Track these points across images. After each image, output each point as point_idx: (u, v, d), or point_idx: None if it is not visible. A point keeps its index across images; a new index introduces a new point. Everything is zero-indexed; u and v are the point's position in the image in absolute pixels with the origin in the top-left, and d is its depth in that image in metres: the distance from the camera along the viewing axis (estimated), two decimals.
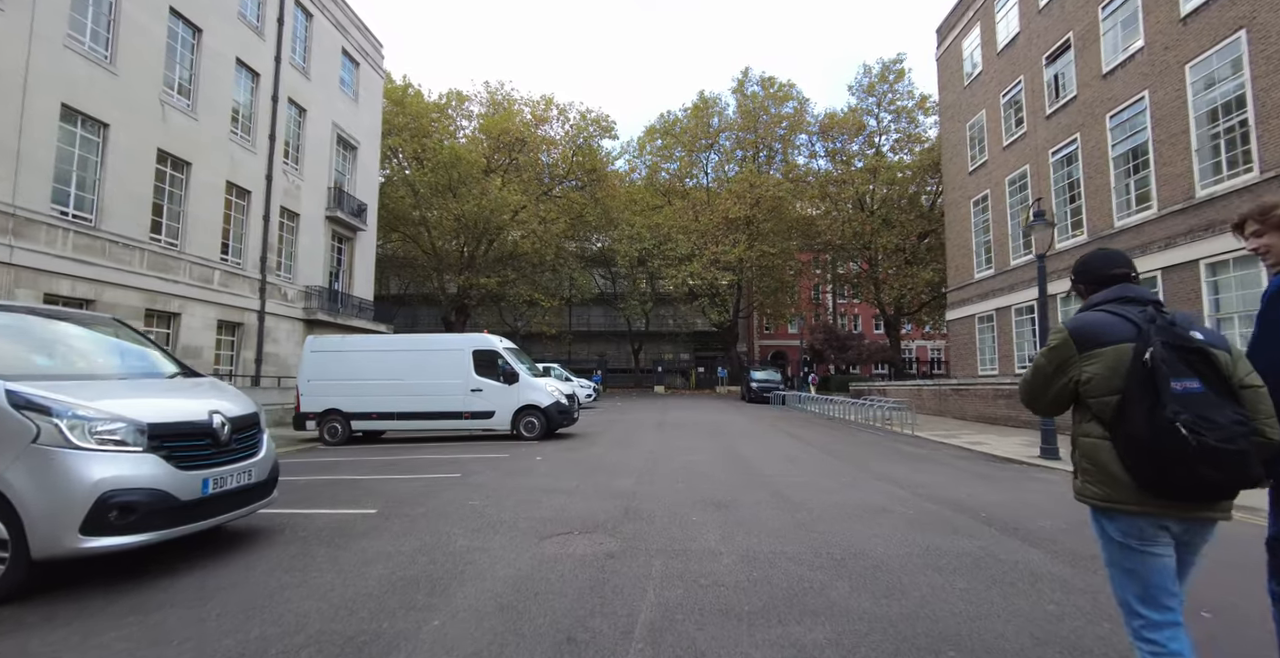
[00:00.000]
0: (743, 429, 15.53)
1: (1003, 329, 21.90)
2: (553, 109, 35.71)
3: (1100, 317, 2.07)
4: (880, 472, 8.64)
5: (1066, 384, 2.08)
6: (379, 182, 34.23)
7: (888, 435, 14.15)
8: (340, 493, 6.95)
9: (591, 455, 10.20)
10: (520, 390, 12.53)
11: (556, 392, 12.81)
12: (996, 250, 22.47)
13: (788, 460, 9.67)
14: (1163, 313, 2.01)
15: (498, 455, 10.22)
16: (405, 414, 12.54)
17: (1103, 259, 2.27)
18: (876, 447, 11.95)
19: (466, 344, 12.89)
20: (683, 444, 11.92)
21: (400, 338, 14.23)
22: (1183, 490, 1.87)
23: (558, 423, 12.80)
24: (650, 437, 13.41)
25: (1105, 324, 2.03)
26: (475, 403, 12.44)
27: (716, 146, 40.32)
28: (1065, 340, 2.08)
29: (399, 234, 37.72)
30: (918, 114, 37.68)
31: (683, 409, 24.84)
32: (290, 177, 21.31)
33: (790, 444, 12.14)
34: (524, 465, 9.03)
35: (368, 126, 26.83)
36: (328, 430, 12.60)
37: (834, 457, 10.27)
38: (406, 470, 8.75)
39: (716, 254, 33.45)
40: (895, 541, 4.84)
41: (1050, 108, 19.07)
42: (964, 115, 25.01)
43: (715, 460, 9.55)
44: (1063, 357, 2.07)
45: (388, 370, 12.54)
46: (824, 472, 8.54)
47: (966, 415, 18.57)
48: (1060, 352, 2.08)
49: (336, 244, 24.87)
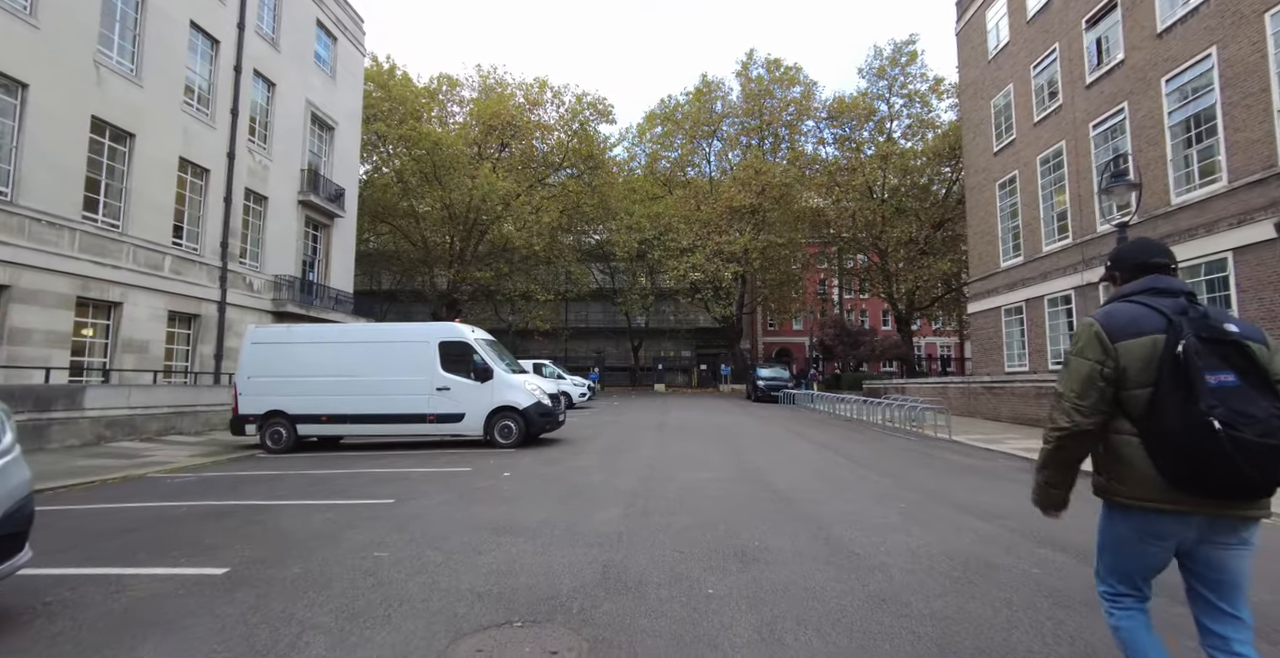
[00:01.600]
0: (754, 433, 13.74)
1: (1034, 322, 20.10)
2: (547, 92, 33.85)
3: (1129, 307, 2.02)
4: (940, 492, 6.87)
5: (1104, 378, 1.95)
6: (360, 167, 32.49)
7: (922, 441, 12.37)
8: (205, 534, 5.09)
9: (574, 470, 8.40)
10: (495, 389, 10.74)
11: (538, 391, 11.02)
12: (1027, 236, 20.66)
13: (819, 477, 7.89)
14: (1195, 305, 1.94)
15: (457, 469, 8.48)
16: (359, 417, 10.77)
17: (1142, 247, 2.20)
18: (916, 456, 10.16)
19: (431, 335, 11.08)
20: (686, 454, 10.13)
21: (355, 327, 12.41)
22: (1218, 488, 1.81)
23: (539, 427, 11.04)
24: (648, 444, 11.64)
25: (1135, 315, 1.98)
26: (441, 404, 10.66)
27: (719, 133, 38.44)
28: (1095, 333, 2.00)
29: (388, 227, 35.97)
30: (931, 98, 35.86)
31: (685, 409, 23.06)
32: (257, 156, 19.53)
33: (814, 453, 10.35)
34: (484, 485, 7.25)
35: (347, 107, 25.04)
36: (270, 436, 10.82)
37: (873, 470, 8.48)
38: (332, 492, 7.00)
39: (720, 245, 31.61)
40: (1057, 635, 3.02)
41: (1091, 76, 17.25)
42: (988, 92, 23.19)
43: (728, 478, 7.75)
44: (1094, 350, 1.98)
45: (340, 365, 10.76)
46: (870, 494, 6.76)
47: (1000, 416, 16.78)
48: (1091, 346, 1.99)
49: (311, 231, 23.09)
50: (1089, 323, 2.04)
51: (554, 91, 33.66)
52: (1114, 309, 2.05)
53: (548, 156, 35.07)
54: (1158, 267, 2.09)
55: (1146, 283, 2.05)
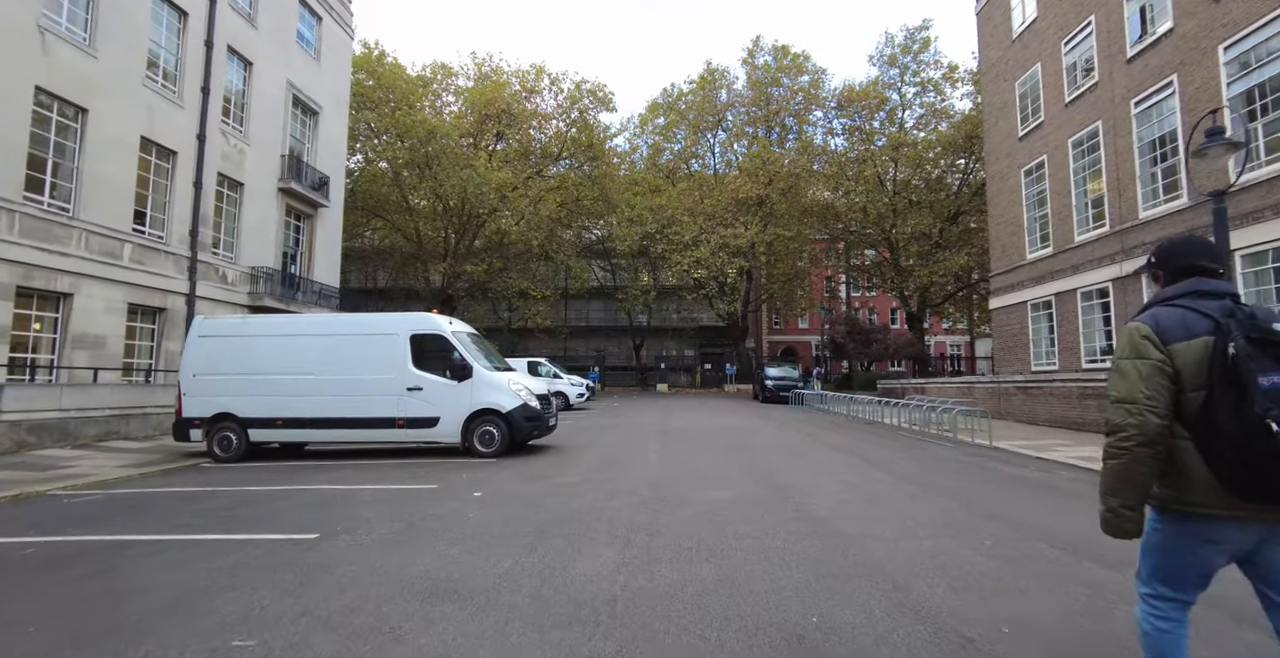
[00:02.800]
0: (769, 439, 12.36)
1: (1064, 317, 18.73)
2: (544, 78, 32.43)
3: (1174, 311, 1.96)
4: (1020, 519, 5.54)
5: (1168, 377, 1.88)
6: (352, 159, 31.20)
7: (960, 447, 11.00)
8: (11, 598, 3.69)
9: (561, 489, 6.97)
10: (474, 390, 9.39)
11: (524, 391, 9.66)
12: (1057, 225, 19.27)
13: (864, 498, 6.50)
14: (1241, 306, 1.90)
15: (420, 487, 7.14)
16: (319, 421, 9.43)
17: (1190, 248, 2.09)
18: (963, 467, 8.80)
19: (402, 327, 9.71)
20: (696, 466, 8.71)
21: (316, 319, 11.03)
22: (1276, 492, 1.74)
23: (526, 433, 9.68)
24: (650, 452, 10.24)
25: (1183, 318, 1.93)
26: (413, 406, 9.32)
27: (724, 123, 37.01)
28: (1145, 336, 1.94)
29: (382, 222, 34.63)
30: (945, 86, 34.41)
31: (690, 410, 21.71)
32: (231, 139, 18.21)
33: (845, 464, 8.98)
34: (444, 512, 5.86)
35: (333, 91, 23.71)
36: (218, 442, 9.48)
37: (923, 487, 7.10)
38: (248, 522, 5.63)
39: (726, 238, 30.20)
40: None
41: (1133, 49, 15.86)
42: (1012, 73, 21.80)
43: (752, 500, 6.32)
44: (1151, 351, 1.91)
45: (298, 362, 9.44)
46: (937, 523, 5.38)
47: (1038, 419, 15.40)
48: (1146, 348, 1.92)
49: (293, 221, 21.77)
50: (1136, 327, 1.99)
51: (551, 78, 32.28)
52: (1160, 313, 1.99)
53: (546, 147, 33.68)
54: (1204, 270, 2.03)
55: (1189, 286, 2.00)
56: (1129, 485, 1.89)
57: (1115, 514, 1.92)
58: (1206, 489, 1.82)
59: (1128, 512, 1.90)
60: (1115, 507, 1.92)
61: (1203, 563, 1.90)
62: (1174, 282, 2.05)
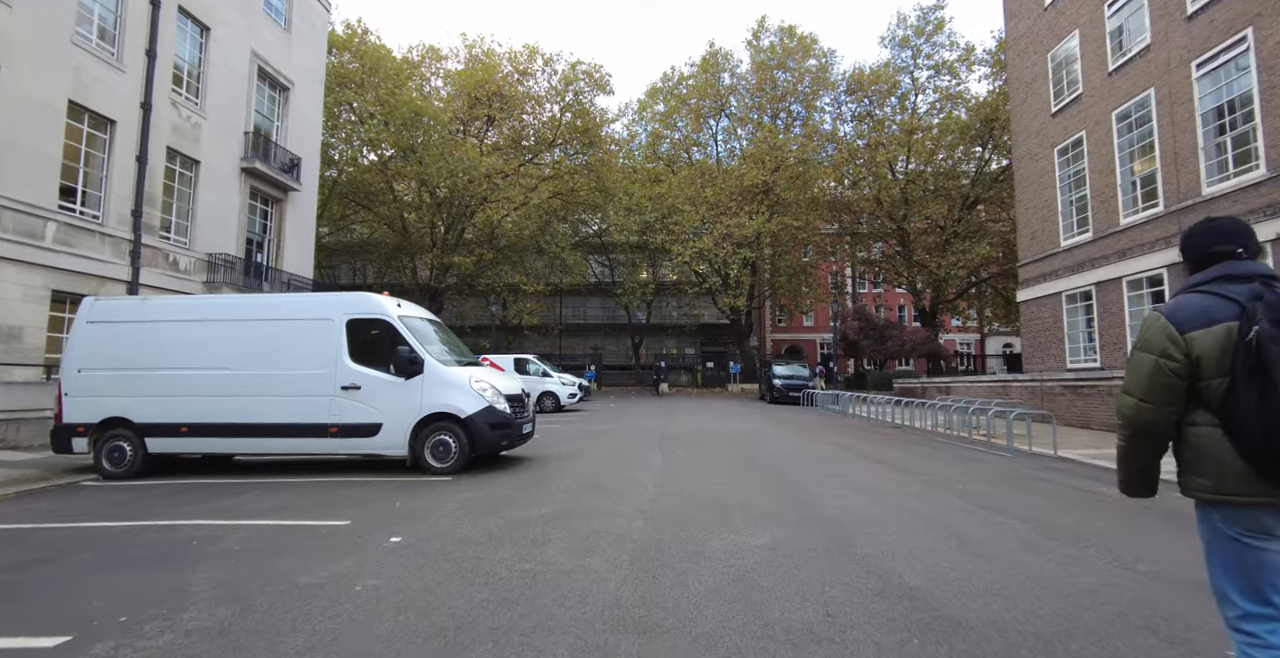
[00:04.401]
0: (794, 449, 10.44)
1: (1108, 309, 16.91)
2: (537, 60, 30.54)
3: (1198, 298, 1.93)
4: (1180, 575, 3.73)
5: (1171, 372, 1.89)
6: (338, 147, 29.43)
7: (1024, 460, 9.16)
8: None
9: (516, 534, 4.89)
10: (426, 389, 7.52)
11: (489, 391, 7.80)
12: (1097, 208, 17.46)
13: (959, 547, 4.60)
14: (1273, 287, 1.85)
15: (323, 524, 5.28)
16: (232, 428, 7.59)
17: (1210, 234, 2.05)
18: (1055, 489, 6.93)
19: (337, 310, 7.82)
20: (709, 490, 6.67)
21: (233, 300, 9.13)
22: None
23: (491, 443, 7.78)
24: (649, 468, 8.30)
25: (1205, 305, 1.89)
26: (348, 410, 7.48)
27: (727, 109, 35.11)
28: (1161, 325, 1.93)
29: (370, 214, 32.78)
30: (961, 69, 32.56)
31: (693, 413, 19.89)
32: (184, 111, 16.40)
33: (899, 485, 7.09)
34: (321, 579, 3.91)
35: (306, 67, 21.89)
36: (108, 455, 7.64)
37: (1032, 526, 5.18)
38: (7, 599, 3.76)
39: (730, 227, 28.33)
40: None
41: (1194, 4, 14.05)
42: (1043, 44, 19.99)
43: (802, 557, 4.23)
44: (1159, 344, 1.92)
45: (208, 353, 7.62)
46: (1113, 603, 3.59)
47: (1093, 422, 13.58)
48: (1155, 339, 1.93)
49: (259, 205, 19.95)
50: (1155, 315, 1.98)
51: (545, 59, 30.35)
52: (1181, 300, 1.97)
53: (539, 133, 31.81)
54: (1227, 255, 1.96)
55: (1218, 270, 1.95)
56: (1131, 465, 2.04)
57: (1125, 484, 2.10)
58: (1238, 476, 1.80)
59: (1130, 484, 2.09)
60: (1123, 479, 2.09)
61: (1264, 558, 1.82)
62: (1198, 269, 2.01)
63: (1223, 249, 1.96)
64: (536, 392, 19.11)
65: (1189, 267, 2.08)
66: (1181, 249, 2.11)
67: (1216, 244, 1.98)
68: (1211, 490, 1.85)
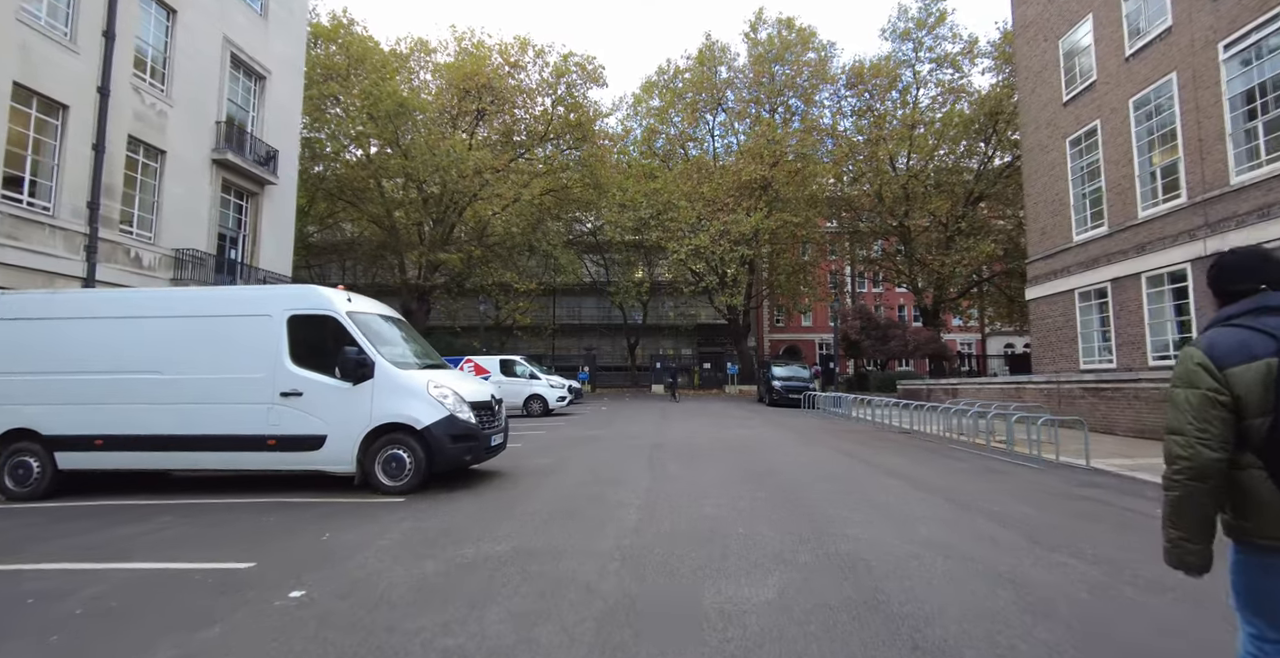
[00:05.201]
0: (801, 460, 9.44)
1: (1125, 307, 16.06)
2: (528, 51, 29.60)
3: (1232, 332, 1.83)
4: None
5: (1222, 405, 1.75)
6: (303, 129, 28.33)
7: (1055, 471, 8.24)
8: None
9: (453, 587, 3.81)
10: (377, 396, 6.54)
11: (450, 397, 6.78)
12: (1113, 200, 16.61)
13: (1042, 612, 3.56)
14: None
15: (219, 567, 4.25)
16: (155, 440, 6.61)
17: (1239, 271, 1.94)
18: (1100, 511, 5.98)
19: (277, 305, 6.84)
20: (704, 517, 5.55)
21: (158, 294, 8.08)
22: None
23: (453, 458, 6.75)
24: (637, 487, 7.23)
25: (1242, 339, 1.79)
26: (288, 420, 6.51)
27: (724, 103, 34.21)
28: (1199, 362, 1.81)
29: (358, 212, 31.77)
30: (964, 62, 31.76)
31: (689, 416, 18.97)
32: (148, 97, 15.44)
33: (928, 507, 6.13)
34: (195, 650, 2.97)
35: (284, 56, 20.94)
36: (11, 472, 6.64)
37: (1122, 577, 4.12)
38: None
39: (728, 224, 27.42)
40: None
41: None
42: (1054, 30, 19.16)
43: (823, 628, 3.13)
44: (1203, 379, 1.79)
45: (128, 355, 6.67)
46: None
47: (1117, 427, 12.69)
48: (1197, 375, 1.80)
49: (233, 199, 18.98)
50: (1190, 352, 1.87)
51: (536, 50, 29.42)
52: (1216, 335, 1.86)
53: (531, 128, 30.87)
54: (1246, 293, 1.89)
55: (1252, 303, 1.86)
56: (1187, 518, 1.80)
57: (1176, 546, 1.83)
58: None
59: (1188, 544, 1.80)
60: (1175, 539, 1.83)
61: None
62: (1227, 303, 1.93)
63: (1250, 287, 1.88)
64: (524, 394, 18.19)
65: (1218, 300, 1.99)
66: (1211, 283, 2.03)
67: (1244, 282, 1.90)
68: (1258, 534, 1.76)
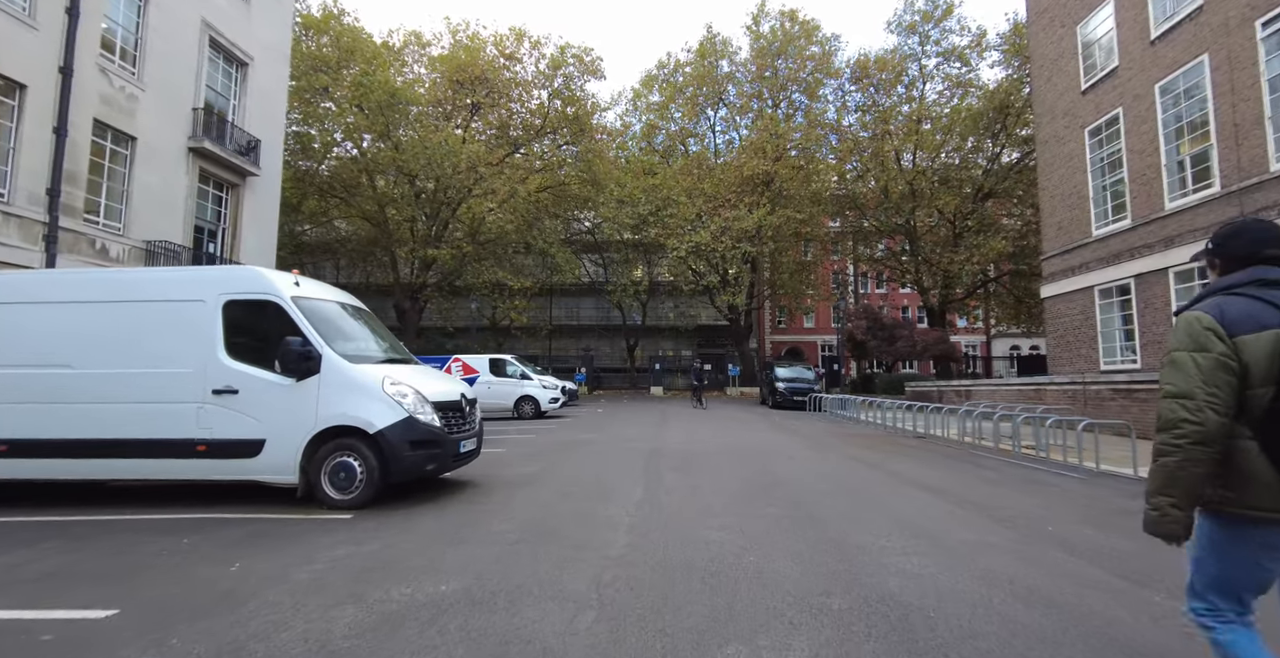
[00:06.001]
0: (816, 471, 8.48)
1: (1150, 304, 15.18)
2: (524, 43, 28.76)
3: (1238, 301, 1.81)
4: None
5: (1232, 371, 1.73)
6: (287, 122, 27.47)
7: (1107, 484, 7.40)
8: None
9: (362, 653, 2.75)
10: (324, 394, 5.62)
11: (410, 397, 5.81)
12: (1137, 192, 15.74)
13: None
14: None
15: (77, 617, 3.20)
16: (66, 446, 5.69)
17: (1256, 234, 1.92)
18: None
19: (211, 288, 5.89)
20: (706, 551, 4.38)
21: (74, 276, 6.91)
22: None
23: (411, 467, 5.78)
24: (625, 499, 6.28)
25: (1249, 309, 1.78)
26: (221, 421, 5.60)
27: (725, 97, 33.32)
28: (1208, 326, 1.78)
29: (349, 207, 30.88)
30: (972, 56, 30.92)
31: (690, 419, 18.06)
32: (116, 80, 14.58)
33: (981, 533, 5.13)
34: None
35: (268, 42, 20.11)
36: None
37: None
38: None
39: (730, 220, 26.53)
40: None
41: None
42: (1072, 15, 18.33)
43: None
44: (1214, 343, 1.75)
45: (40, 346, 5.78)
46: None
47: (1150, 430, 11.80)
48: (1208, 339, 1.76)
49: (212, 190, 18.12)
50: (1197, 316, 1.83)
51: (533, 42, 28.57)
52: (1223, 302, 1.83)
53: (526, 122, 30.01)
54: (1268, 259, 1.86)
55: (1252, 274, 1.85)
56: (1179, 485, 1.77)
57: (1162, 513, 1.80)
58: (1272, 492, 1.70)
59: (1175, 511, 1.79)
60: (1162, 505, 1.80)
61: (1261, 571, 1.78)
62: (1234, 270, 1.91)
63: (1273, 252, 1.84)
64: (515, 396, 17.28)
65: (1224, 264, 1.95)
66: (1221, 245, 1.97)
67: (1268, 247, 1.85)
68: (1241, 506, 1.73)
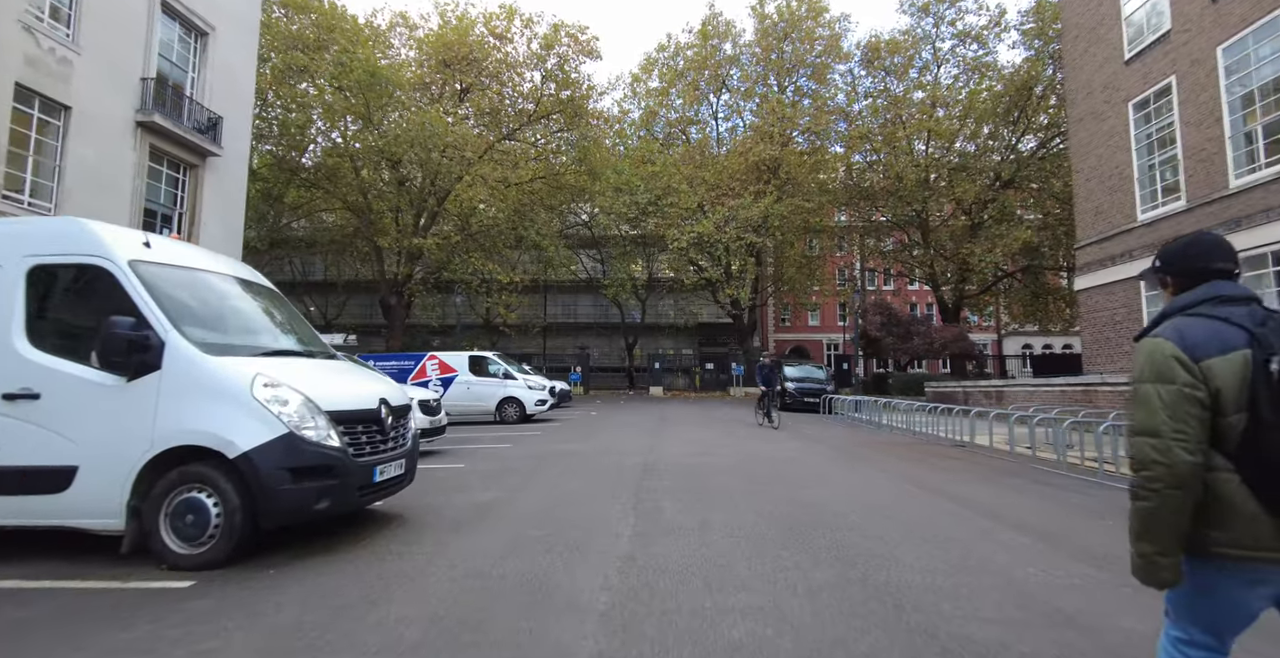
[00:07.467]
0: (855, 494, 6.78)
1: None
2: (515, 21, 27.07)
3: (1200, 322, 1.67)
4: None
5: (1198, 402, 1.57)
6: (255, 101, 25.74)
7: None
8: None
9: None
10: (165, 399, 3.83)
11: (295, 402, 4.00)
12: (1193, 170, 14.06)
13: None
14: (1272, 313, 1.64)
15: None
16: None
17: (1205, 248, 1.79)
18: None
19: (12, 247, 4.17)
20: (724, 651, 2.68)
21: None
22: None
23: (293, 506, 3.92)
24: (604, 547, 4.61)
25: (1213, 329, 1.63)
26: (11, 439, 3.86)
27: (729, 82, 31.63)
28: (1171, 353, 1.62)
29: (333, 199, 29.22)
30: (989, 37, 29.23)
31: (691, 424, 16.35)
32: (44, 40, 12.93)
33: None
34: None
35: (235, 12, 18.43)
36: None
37: None
38: None
39: (734, 209, 24.84)
40: None
41: None
42: None
43: None
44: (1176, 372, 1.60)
45: None
46: None
47: None
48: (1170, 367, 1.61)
49: (167, 170, 16.45)
50: (1158, 343, 1.68)
51: (525, 20, 26.87)
52: (1182, 324, 1.69)
53: (519, 106, 28.33)
54: (1221, 273, 1.74)
55: (1208, 291, 1.71)
56: (1160, 530, 1.60)
57: (1148, 561, 1.64)
58: (1254, 527, 1.55)
59: (1161, 559, 1.61)
60: (1147, 553, 1.63)
61: (1243, 609, 1.63)
62: (1187, 287, 1.78)
63: (1224, 266, 1.73)
64: (497, 397, 15.58)
65: (1177, 282, 1.82)
66: (1168, 261, 1.84)
67: (1217, 261, 1.74)
68: (1223, 544, 1.58)
